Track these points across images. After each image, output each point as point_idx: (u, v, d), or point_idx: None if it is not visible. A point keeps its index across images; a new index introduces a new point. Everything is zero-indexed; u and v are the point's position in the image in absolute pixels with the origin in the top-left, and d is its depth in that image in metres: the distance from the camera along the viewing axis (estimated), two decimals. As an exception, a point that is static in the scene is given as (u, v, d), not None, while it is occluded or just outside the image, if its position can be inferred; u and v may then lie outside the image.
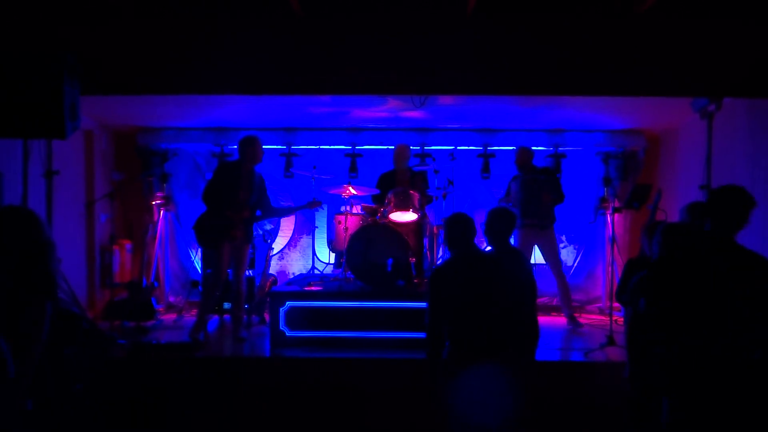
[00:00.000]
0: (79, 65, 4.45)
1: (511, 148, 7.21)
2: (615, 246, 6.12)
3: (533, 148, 7.12)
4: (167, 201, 7.13)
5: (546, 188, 6.03)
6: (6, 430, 2.58)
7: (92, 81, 4.71)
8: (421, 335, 5.02)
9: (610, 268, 6.76)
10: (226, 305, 6.21)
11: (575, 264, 7.20)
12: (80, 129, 4.71)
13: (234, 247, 5.43)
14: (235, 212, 5.35)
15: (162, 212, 7.11)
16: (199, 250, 6.80)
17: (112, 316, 6.00)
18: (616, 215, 6.03)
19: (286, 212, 6.47)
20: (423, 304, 5.10)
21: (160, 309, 6.72)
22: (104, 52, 4.98)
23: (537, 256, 6.41)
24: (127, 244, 7.02)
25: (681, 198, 6.09)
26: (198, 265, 7.09)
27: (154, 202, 7.07)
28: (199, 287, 6.66)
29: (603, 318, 6.47)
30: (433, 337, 3.43)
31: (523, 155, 6.22)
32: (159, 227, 7.08)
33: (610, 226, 6.56)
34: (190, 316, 6.38)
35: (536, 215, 6.03)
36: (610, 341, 5.10)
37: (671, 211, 5.77)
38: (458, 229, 3.56)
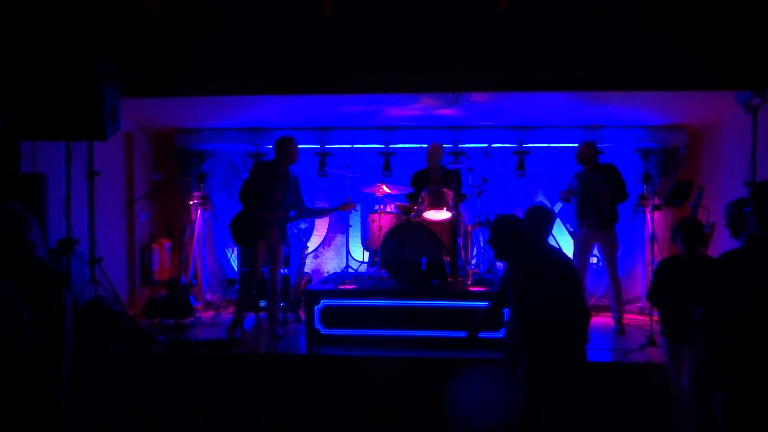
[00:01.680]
0: (118, 69, 4.56)
1: (546, 145, 7.12)
2: (655, 245, 5.96)
3: (569, 144, 7.06)
4: (204, 200, 7.24)
5: (604, 188, 5.75)
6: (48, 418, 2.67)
7: (131, 84, 4.83)
8: (456, 334, 5.06)
9: (650, 268, 6.60)
10: (262, 303, 6.28)
11: (614, 263, 7.06)
12: (120, 131, 4.83)
13: (269, 245, 5.48)
14: (270, 211, 5.40)
15: (199, 211, 7.23)
16: (236, 248, 6.88)
17: (151, 313, 6.13)
18: (656, 213, 5.88)
19: (319, 213, 6.47)
20: (458, 303, 5.13)
21: (198, 306, 6.84)
22: (142, 55, 5.09)
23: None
24: (166, 242, 7.16)
25: (724, 195, 5.91)
26: (234, 264, 7.19)
27: (191, 202, 7.19)
28: (236, 285, 6.75)
29: (642, 318, 6.34)
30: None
31: (584, 151, 5.96)
32: (196, 226, 7.19)
33: (649, 224, 6.40)
34: (227, 313, 6.47)
35: (593, 215, 5.80)
36: (651, 342, 4.99)
37: (714, 209, 5.60)
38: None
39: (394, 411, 4.64)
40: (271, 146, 7.21)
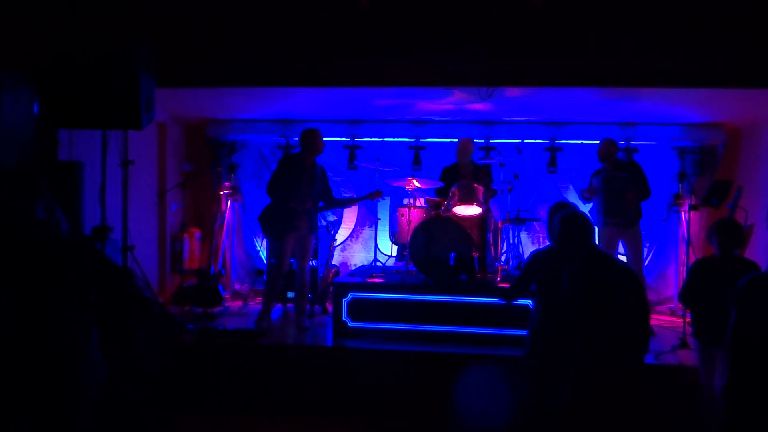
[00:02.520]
0: (155, 59, 4.60)
1: (579, 141, 7.01)
2: (690, 245, 5.84)
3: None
4: (234, 191, 7.30)
5: (630, 186, 5.66)
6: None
7: (165, 73, 4.88)
8: (485, 331, 5.03)
9: (683, 269, 6.47)
10: (290, 294, 6.32)
11: (646, 262, 6.92)
12: (154, 121, 4.88)
13: (298, 237, 5.50)
14: (298, 203, 5.42)
15: (229, 202, 7.29)
16: (265, 239, 6.93)
17: (181, 301, 6.20)
18: (691, 213, 5.75)
19: (348, 203, 6.46)
20: (486, 300, 5.09)
21: (226, 296, 6.90)
22: (176, 45, 5.14)
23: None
24: (197, 232, 7.23)
25: (764, 196, 5.76)
26: (263, 255, 7.24)
27: (222, 192, 7.25)
28: (264, 276, 6.80)
29: (674, 319, 6.22)
30: None
31: (607, 148, 5.85)
32: (226, 216, 7.26)
33: (684, 224, 6.27)
34: (255, 303, 6.52)
35: (620, 214, 5.68)
36: (683, 344, 4.89)
37: (752, 210, 5.46)
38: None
39: (419, 405, 4.63)
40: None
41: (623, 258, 5.91)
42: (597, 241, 6.01)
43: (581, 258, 3.44)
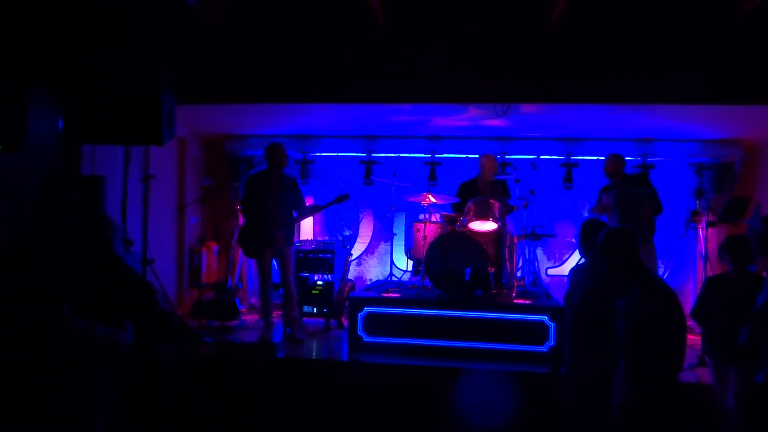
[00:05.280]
0: (176, 76, 4.71)
1: (595, 157, 7.01)
2: (708, 262, 5.79)
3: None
4: (252, 206, 7.35)
5: (645, 202, 5.55)
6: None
7: (186, 91, 4.98)
8: (501, 346, 5.02)
9: (700, 286, 6.40)
10: (306, 308, 6.36)
11: (662, 279, 6.88)
12: (174, 136, 4.97)
13: (276, 251, 5.57)
14: (270, 218, 5.50)
15: (246, 216, 7.35)
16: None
17: (198, 314, 6.25)
18: (709, 230, 5.70)
19: (316, 209, 6.12)
20: (502, 315, 5.08)
21: (243, 310, 6.94)
22: (197, 64, 5.25)
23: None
24: (214, 246, 7.30)
25: (783, 212, 5.69)
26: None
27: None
28: (280, 290, 6.83)
29: (692, 337, 6.14)
30: None
31: (614, 163, 5.81)
32: (244, 231, 7.31)
33: (702, 240, 6.22)
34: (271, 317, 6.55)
35: (636, 231, 5.62)
36: (701, 362, 4.84)
37: (771, 227, 5.39)
38: None
39: (435, 421, 4.62)
40: (318, 153, 7.30)
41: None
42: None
43: (631, 283, 3.34)
